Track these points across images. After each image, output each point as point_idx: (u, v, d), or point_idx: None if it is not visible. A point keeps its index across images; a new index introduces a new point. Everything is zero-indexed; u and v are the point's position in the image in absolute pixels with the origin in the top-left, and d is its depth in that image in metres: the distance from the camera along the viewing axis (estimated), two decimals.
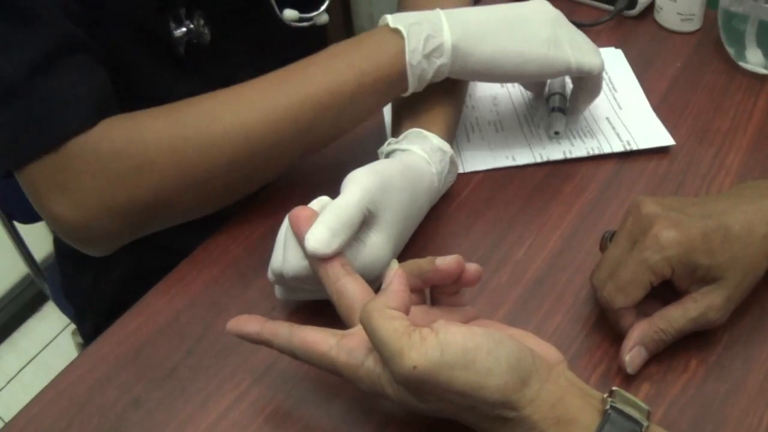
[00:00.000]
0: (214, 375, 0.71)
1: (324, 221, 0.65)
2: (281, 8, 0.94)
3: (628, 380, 0.67)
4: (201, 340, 0.74)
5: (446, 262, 0.62)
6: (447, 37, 0.77)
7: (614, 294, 0.67)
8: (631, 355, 0.67)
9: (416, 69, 0.78)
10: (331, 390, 0.68)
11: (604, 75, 1.00)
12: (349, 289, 0.64)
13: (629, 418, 0.55)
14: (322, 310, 0.68)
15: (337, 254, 0.65)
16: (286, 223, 0.69)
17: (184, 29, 0.87)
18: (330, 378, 0.66)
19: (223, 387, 0.70)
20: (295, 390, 0.69)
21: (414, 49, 0.77)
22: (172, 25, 0.86)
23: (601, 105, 0.96)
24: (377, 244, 0.69)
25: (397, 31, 0.78)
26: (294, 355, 0.62)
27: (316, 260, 0.65)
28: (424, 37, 0.77)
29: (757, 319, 0.71)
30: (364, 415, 0.67)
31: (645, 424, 0.55)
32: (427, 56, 0.77)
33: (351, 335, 0.60)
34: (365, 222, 0.68)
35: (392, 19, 0.78)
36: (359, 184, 0.68)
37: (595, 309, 0.73)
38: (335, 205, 0.66)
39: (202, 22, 0.88)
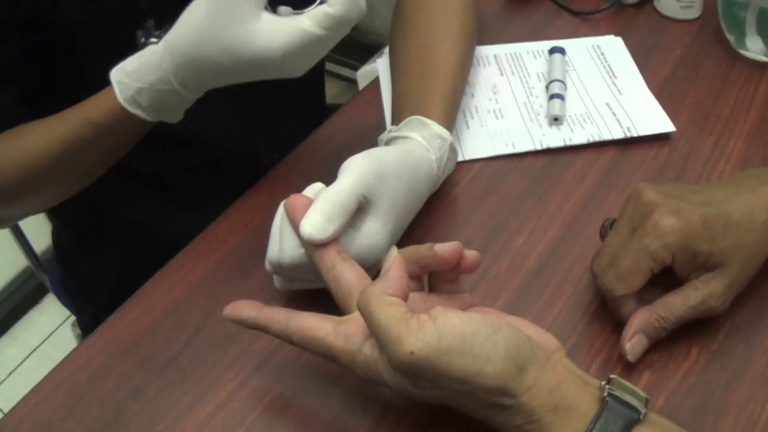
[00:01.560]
0: (213, 365, 0.71)
1: (319, 207, 0.65)
2: (274, 7, 0.93)
3: (629, 368, 0.67)
4: (200, 329, 0.74)
5: (445, 248, 0.62)
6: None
7: (615, 282, 0.66)
8: (632, 343, 0.66)
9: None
10: (331, 380, 0.68)
11: (604, 62, 1.00)
12: (345, 275, 0.64)
13: (627, 405, 0.55)
14: (320, 299, 0.68)
15: (333, 241, 0.65)
16: (281, 212, 0.69)
17: (154, 40, 0.86)
18: (329, 368, 0.66)
19: (223, 377, 0.70)
20: (294, 380, 0.69)
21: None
22: (141, 36, 0.86)
23: (601, 90, 0.96)
24: (374, 230, 0.68)
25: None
26: (291, 340, 0.62)
27: (313, 247, 0.65)
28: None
29: (758, 307, 0.71)
30: (363, 404, 0.67)
31: (643, 411, 0.55)
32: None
33: (348, 321, 0.60)
34: (362, 208, 0.68)
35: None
36: (355, 170, 0.68)
37: (596, 297, 0.73)
38: (330, 191, 0.66)
39: None
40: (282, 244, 0.68)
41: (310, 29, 0.66)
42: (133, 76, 0.72)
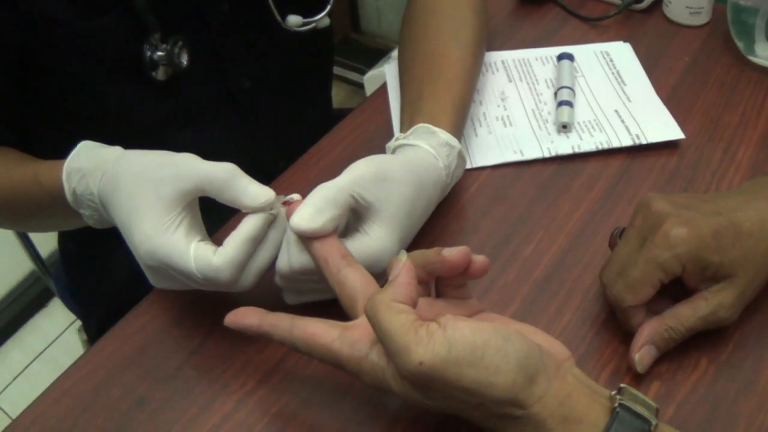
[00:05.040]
0: (219, 374, 0.70)
1: (308, 201, 0.66)
2: (283, 15, 0.93)
3: (638, 379, 0.67)
4: (206, 339, 0.73)
5: (453, 253, 0.61)
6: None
7: (624, 292, 0.66)
8: (641, 353, 0.66)
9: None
10: (338, 390, 0.68)
11: (613, 69, 1.00)
12: (349, 279, 0.64)
13: (638, 416, 0.54)
14: (327, 308, 0.68)
15: (337, 245, 0.65)
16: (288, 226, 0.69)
17: (161, 53, 0.86)
18: (337, 377, 0.65)
19: (229, 387, 0.69)
20: (301, 390, 0.69)
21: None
22: (148, 50, 0.86)
23: (610, 97, 0.96)
24: (381, 236, 0.68)
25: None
26: (295, 347, 0.61)
27: (317, 251, 0.65)
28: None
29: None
30: (371, 415, 0.66)
31: (654, 422, 0.54)
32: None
33: (354, 327, 0.60)
34: (366, 214, 0.68)
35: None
36: (352, 170, 0.69)
37: (605, 307, 0.72)
38: (320, 186, 0.67)
39: (180, 44, 0.88)
40: (290, 251, 0.68)
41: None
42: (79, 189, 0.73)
